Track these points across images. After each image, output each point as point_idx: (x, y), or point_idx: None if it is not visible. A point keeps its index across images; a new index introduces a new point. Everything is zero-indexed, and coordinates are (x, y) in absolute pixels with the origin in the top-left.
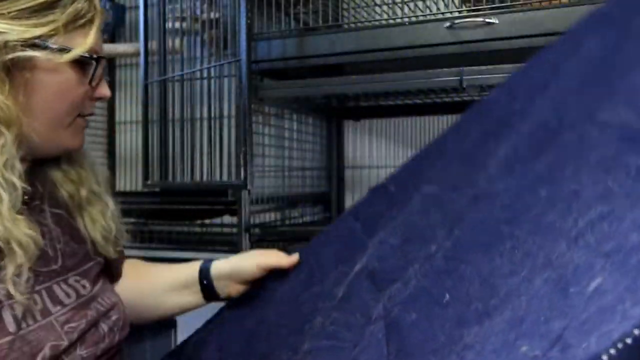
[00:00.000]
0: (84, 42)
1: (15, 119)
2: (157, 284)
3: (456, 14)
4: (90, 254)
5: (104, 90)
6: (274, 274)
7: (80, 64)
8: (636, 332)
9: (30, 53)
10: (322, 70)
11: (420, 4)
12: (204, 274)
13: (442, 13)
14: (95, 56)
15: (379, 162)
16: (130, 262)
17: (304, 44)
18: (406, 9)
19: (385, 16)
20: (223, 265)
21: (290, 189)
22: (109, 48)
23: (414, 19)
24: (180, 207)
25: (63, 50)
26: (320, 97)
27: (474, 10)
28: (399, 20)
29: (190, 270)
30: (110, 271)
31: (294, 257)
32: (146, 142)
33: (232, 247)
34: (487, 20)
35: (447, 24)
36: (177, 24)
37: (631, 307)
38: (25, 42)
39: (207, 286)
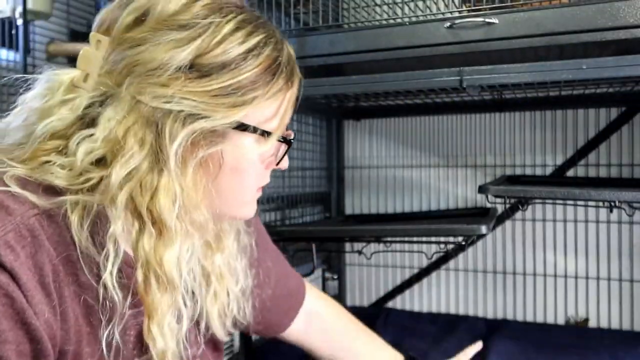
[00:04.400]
0: (279, 124)
1: (198, 204)
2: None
3: (456, 14)
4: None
5: (285, 164)
6: None
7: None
8: None
9: (223, 146)
10: (322, 70)
11: (420, 4)
12: None
13: (442, 13)
14: (289, 138)
15: (379, 162)
16: (338, 311)
17: (304, 44)
18: (406, 9)
19: (385, 16)
20: None
21: (290, 189)
22: None
23: (414, 19)
24: None
25: (262, 134)
26: (320, 97)
27: (474, 10)
28: (399, 20)
29: None
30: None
31: None
32: None
33: None
34: (487, 20)
35: (447, 24)
36: None
37: None
38: (225, 126)
39: None
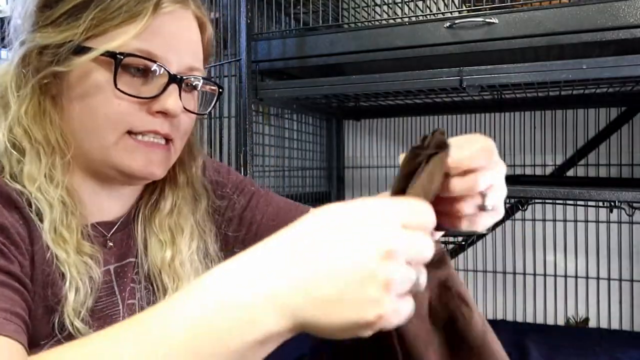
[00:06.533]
0: (112, 40)
1: (56, 141)
2: None
3: (456, 14)
4: None
5: (165, 102)
6: None
7: (124, 67)
8: None
9: (57, 68)
10: (322, 70)
11: (420, 4)
12: None
13: (442, 13)
14: (128, 54)
15: (379, 162)
16: None
17: (304, 44)
18: (406, 9)
19: (385, 16)
20: None
21: (290, 189)
22: None
23: (414, 19)
24: None
25: (82, 50)
26: (320, 97)
27: (474, 10)
28: (399, 20)
29: None
30: None
31: None
32: None
33: None
34: (487, 20)
35: (447, 24)
36: None
37: None
38: (54, 47)
39: None
